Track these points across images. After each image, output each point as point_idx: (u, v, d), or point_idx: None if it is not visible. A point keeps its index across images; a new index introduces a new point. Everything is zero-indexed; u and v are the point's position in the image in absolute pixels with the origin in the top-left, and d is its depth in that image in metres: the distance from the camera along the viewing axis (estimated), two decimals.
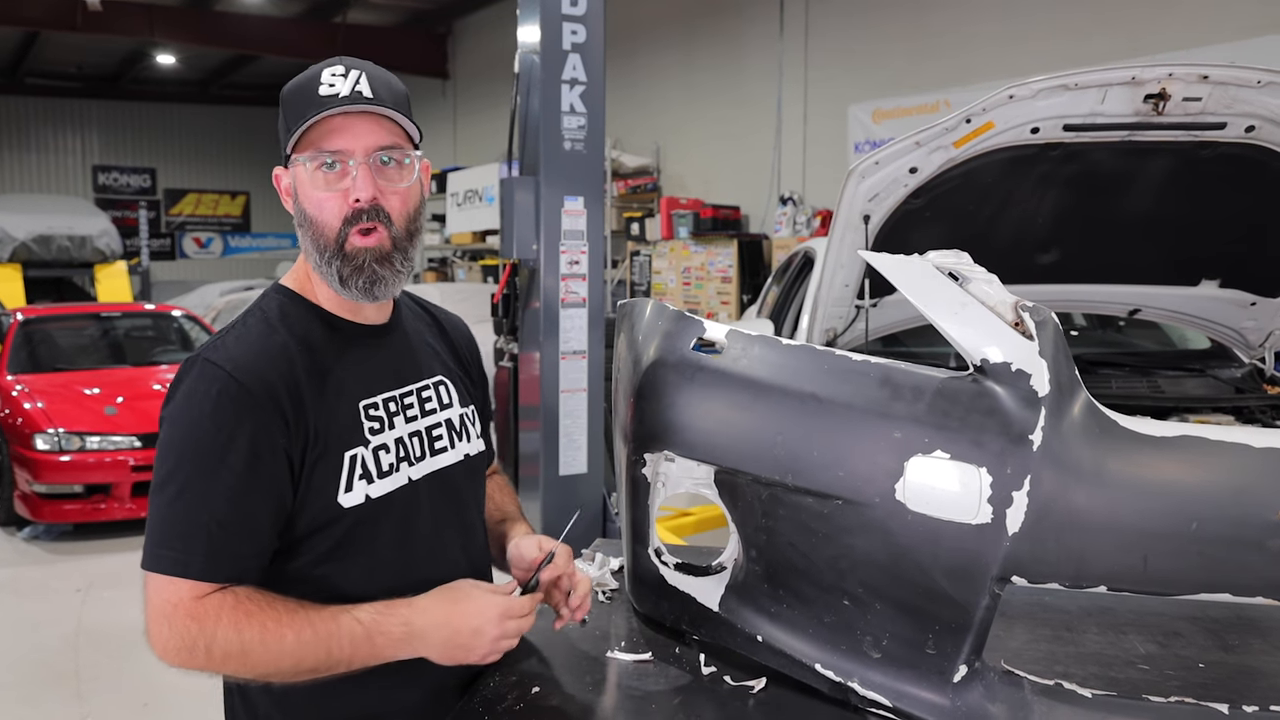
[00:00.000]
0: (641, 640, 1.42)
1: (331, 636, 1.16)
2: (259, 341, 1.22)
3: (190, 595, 1.15)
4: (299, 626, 1.15)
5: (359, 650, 1.17)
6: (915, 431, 1.12)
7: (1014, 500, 1.07)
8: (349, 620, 1.17)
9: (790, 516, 1.21)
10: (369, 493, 1.24)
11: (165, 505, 1.16)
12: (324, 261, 1.23)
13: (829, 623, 1.21)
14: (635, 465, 1.36)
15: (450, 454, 1.35)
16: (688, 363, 1.29)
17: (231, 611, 1.15)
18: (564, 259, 3.81)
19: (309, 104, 1.20)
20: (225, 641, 1.14)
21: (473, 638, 1.19)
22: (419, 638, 1.18)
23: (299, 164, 1.22)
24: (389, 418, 1.29)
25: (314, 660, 1.15)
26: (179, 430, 1.17)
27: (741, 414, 1.24)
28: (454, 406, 1.38)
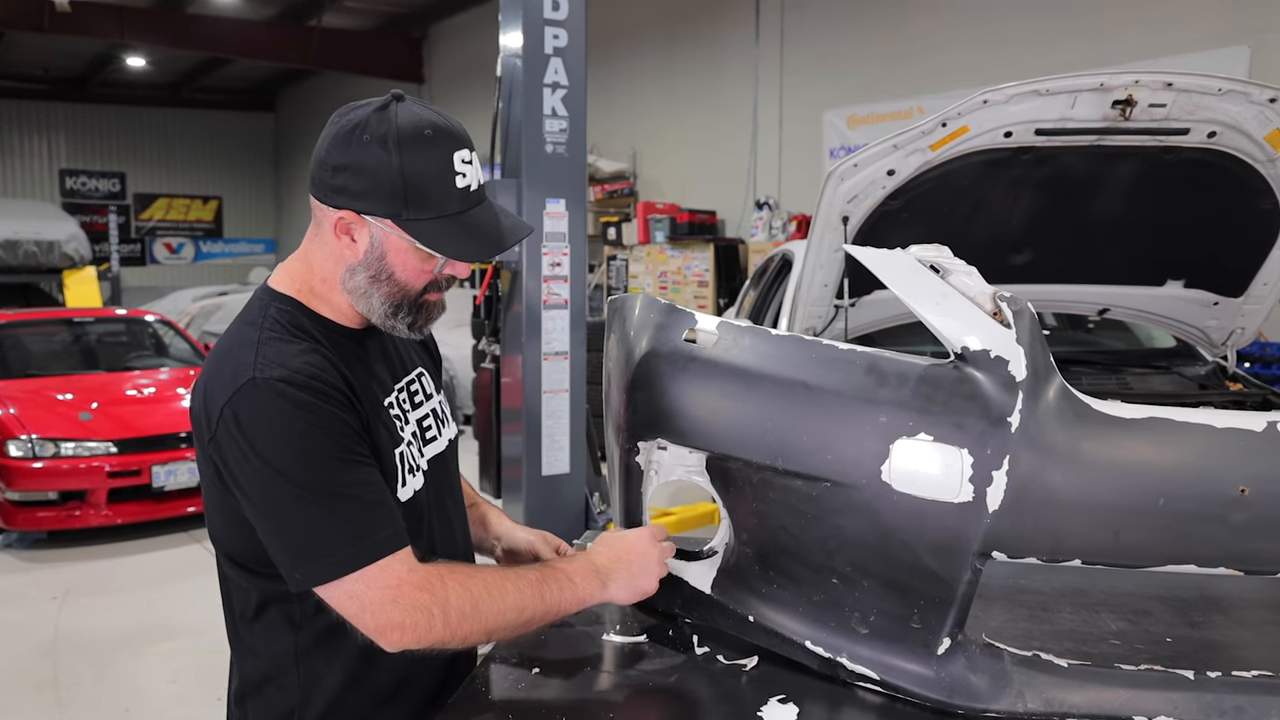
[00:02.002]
0: (635, 624, 1.46)
1: (543, 583, 1.26)
2: (298, 353, 1.22)
3: (405, 570, 1.19)
4: (513, 579, 1.25)
5: (565, 594, 1.27)
6: (900, 416, 1.17)
7: (994, 479, 1.12)
8: (549, 570, 1.29)
9: (780, 499, 1.26)
10: (415, 487, 1.32)
11: (324, 511, 1.17)
12: (392, 314, 1.28)
13: (818, 601, 1.26)
14: (629, 454, 1.40)
15: (440, 440, 1.41)
16: (680, 353, 1.33)
17: (451, 574, 1.22)
18: (546, 261, 3.84)
19: (448, 195, 1.21)
20: (459, 600, 1.19)
21: (643, 559, 1.32)
22: (605, 573, 1.30)
23: (405, 237, 1.22)
24: (404, 414, 1.34)
25: (533, 607, 1.24)
26: (286, 447, 1.16)
27: (733, 402, 1.29)
28: (434, 396, 1.44)
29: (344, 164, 1.21)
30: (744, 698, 1.24)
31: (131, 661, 4.09)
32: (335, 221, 1.24)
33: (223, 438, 1.18)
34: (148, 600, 4.82)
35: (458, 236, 1.22)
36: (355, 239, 1.24)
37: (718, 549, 1.41)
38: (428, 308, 1.30)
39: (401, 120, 1.20)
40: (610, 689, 1.30)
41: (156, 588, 4.99)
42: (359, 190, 1.20)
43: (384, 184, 1.19)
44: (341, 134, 1.21)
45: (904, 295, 1.26)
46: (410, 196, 1.20)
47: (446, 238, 1.22)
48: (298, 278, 1.31)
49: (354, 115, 1.22)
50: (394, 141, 1.18)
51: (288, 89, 20.31)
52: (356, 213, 1.22)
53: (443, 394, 1.50)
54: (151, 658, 4.12)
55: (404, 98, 1.24)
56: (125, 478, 5.69)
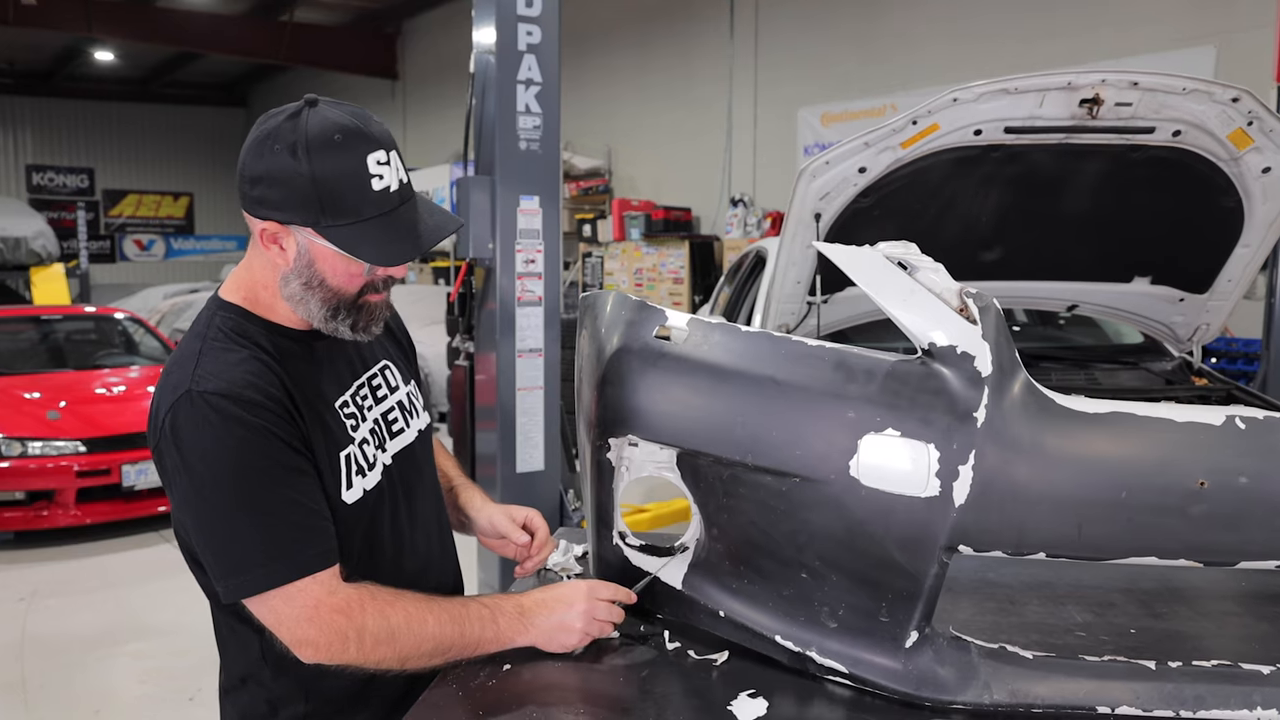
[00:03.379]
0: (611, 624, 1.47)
1: (464, 619, 1.26)
2: (238, 362, 1.22)
3: (325, 591, 1.19)
4: (435, 611, 1.25)
5: (486, 630, 1.28)
6: (868, 411, 1.18)
7: (960, 474, 1.14)
8: (475, 604, 1.29)
9: (750, 495, 1.27)
10: (364, 486, 1.32)
11: (250, 526, 1.18)
12: (331, 318, 1.27)
13: (788, 596, 1.27)
14: (600, 450, 1.41)
15: (408, 433, 1.41)
16: (651, 350, 1.34)
17: (371, 601, 1.22)
18: (520, 258, 3.84)
19: (364, 199, 1.19)
20: (375, 628, 1.20)
21: (567, 610, 1.32)
22: (528, 617, 1.30)
23: (326, 244, 1.21)
24: (360, 412, 1.34)
25: (451, 640, 1.25)
26: (217, 461, 1.17)
27: (703, 398, 1.29)
28: (400, 387, 1.44)
29: (259, 175, 1.20)
30: (714, 692, 1.25)
31: (101, 663, 4.04)
32: (260, 232, 1.24)
33: (163, 447, 1.20)
34: (117, 601, 4.77)
35: (379, 240, 1.22)
36: (283, 247, 1.24)
37: (688, 545, 1.42)
38: (369, 309, 1.30)
39: (311, 127, 1.19)
40: (581, 685, 1.30)
41: (126, 588, 4.94)
42: (276, 200, 1.20)
43: (298, 193, 1.19)
44: (255, 144, 1.21)
45: (872, 292, 1.27)
46: (326, 203, 1.19)
47: (366, 242, 1.21)
48: (243, 285, 1.31)
49: (268, 124, 1.22)
50: (304, 149, 1.18)
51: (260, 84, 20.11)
52: (279, 222, 1.22)
53: (414, 384, 1.49)
54: (121, 659, 4.07)
55: (317, 102, 1.22)
56: (94, 477, 5.62)
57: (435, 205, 1.31)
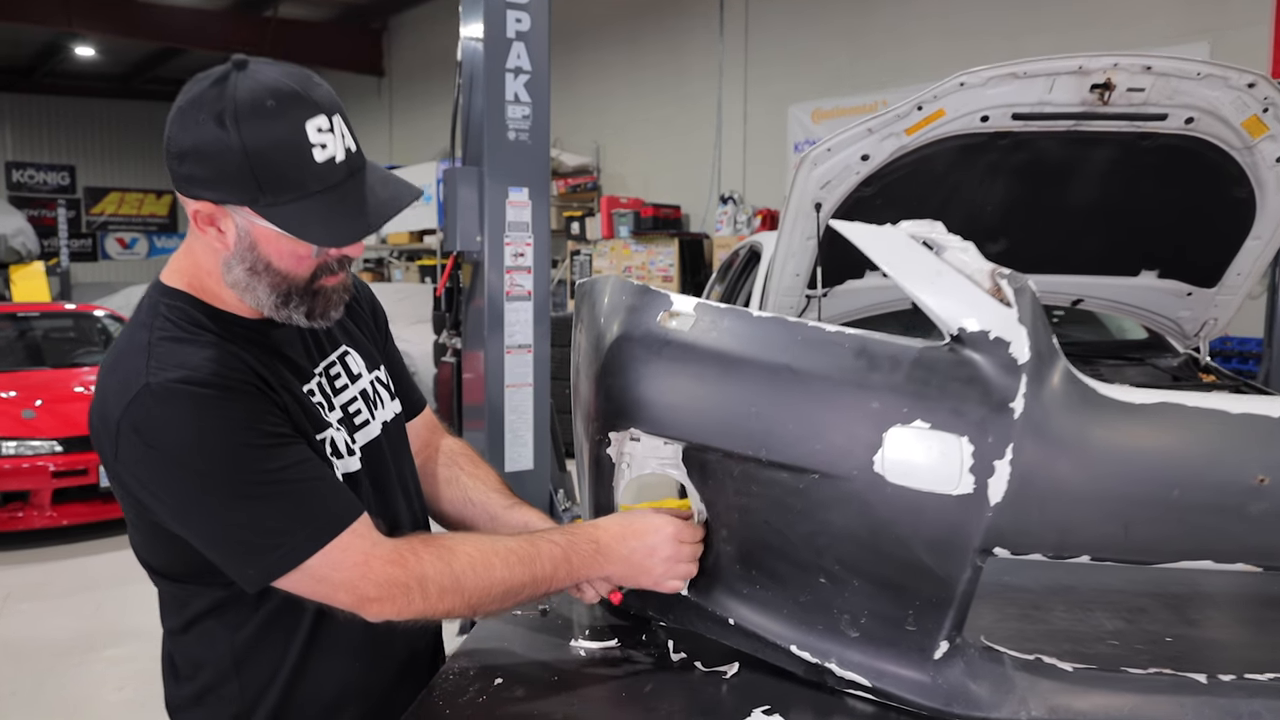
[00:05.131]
0: (606, 628, 1.37)
1: (534, 559, 1.17)
2: (195, 350, 1.10)
3: (369, 544, 1.10)
4: (502, 553, 1.16)
5: (559, 571, 1.18)
6: (893, 401, 1.08)
7: (996, 470, 1.04)
8: (545, 543, 1.19)
9: (764, 493, 1.17)
10: (345, 469, 1.22)
11: (266, 501, 1.07)
12: (283, 305, 1.15)
13: (804, 602, 1.17)
14: (599, 445, 1.30)
15: (372, 426, 1.30)
16: (654, 336, 1.24)
17: (426, 548, 1.13)
18: (508, 251, 3.73)
19: (305, 172, 1.06)
20: (437, 575, 1.11)
21: (648, 556, 1.22)
22: (604, 554, 1.21)
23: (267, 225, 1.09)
24: (326, 399, 1.24)
25: (521, 583, 1.16)
26: (206, 450, 1.06)
27: (711, 388, 1.19)
28: (362, 376, 1.33)
29: (186, 149, 1.06)
30: (724, 707, 1.15)
31: (78, 668, 3.91)
32: (194, 214, 1.11)
33: (128, 454, 1.07)
34: (94, 604, 4.63)
35: (326, 218, 1.08)
36: (221, 230, 1.11)
37: None
38: (325, 294, 1.18)
39: (241, 92, 1.04)
40: (579, 700, 1.20)
41: (103, 591, 4.80)
42: (207, 178, 1.06)
43: (230, 168, 1.05)
44: (179, 114, 1.07)
45: (895, 273, 1.17)
46: (262, 179, 1.05)
47: (312, 221, 1.08)
48: (187, 271, 1.18)
49: (193, 91, 1.08)
50: (232, 118, 1.03)
51: None
52: (213, 202, 1.08)
53: (381, 370, 1.38)
54: (97, 665, 3.95)
55: (247, 64, 1.07)
56: (70, 477, 5.48)
57: (390, 175, 1.19)
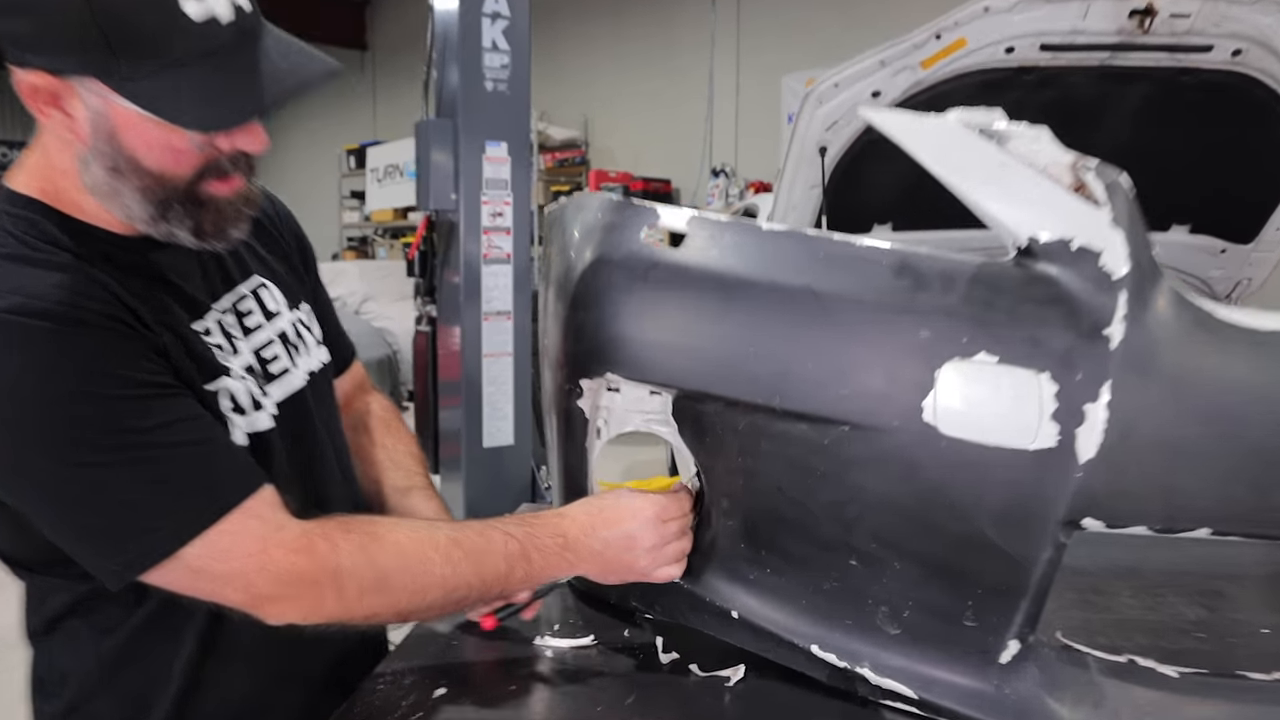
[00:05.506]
0: (580, 622, 1.12)
1: (484, 554, 0.93)
2: (45, 274, 0.83)
3: (269, 527, 0.85)
4: (443, 545, 0.91)
5: (515, 570, 0.94)
6: (949, 329, 0.83)
7: (1087, 416, 0.79)
8: (499, 534, 0.94)
9: (778, 452, 0.91)
10: (248, 428, 0.95)
11: (129, 471, 0.81)
12: (160, 217, 0.88)
13: (829, 590, 0.92)
14: (569, 396, 1.05)
15: (293, 375, 1.04)
16: (638, 258, 0.98)
17: (345, 534, 0.87)
18: (486, 210, 3.45)
19: (172, 31, 0.79)
20: (357, 570, 0.86)
21: (627, 548, 0.98)
22: (574, 549, 0.97)
23: (128, 103, 0.81)
24: (229, 341, 0.98)
25: (468, 584, 0.92)
26: (48, 402, 0.79)
27: (712, 321, 0.94)
28: (281, 315, 1.06)
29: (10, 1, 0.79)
30: None
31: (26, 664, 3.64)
32: (25, 89, 0.82)
33: None
34: None
35: (204, 94, 0.81)
36: (69, 112, 0.83)
37: None
38: (216, 206, 0.90)
39: None
40: (544, 714, 0.95)
41: None
42: (37, 35, 0.79)
43: (69, 22, 0.78)
44: None
45: (945, 171, 0.92)
46: (115, 38, 0.78)
47: (185, 98, 0.81)
48: (37, 172, 0.90)
49: None
50: None
51: None
52: (50, 72, 0.80)
53: (307, 309, 1.12)
54: None
55: None
56: None
57: (295, 43, 0.89)
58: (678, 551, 0.99)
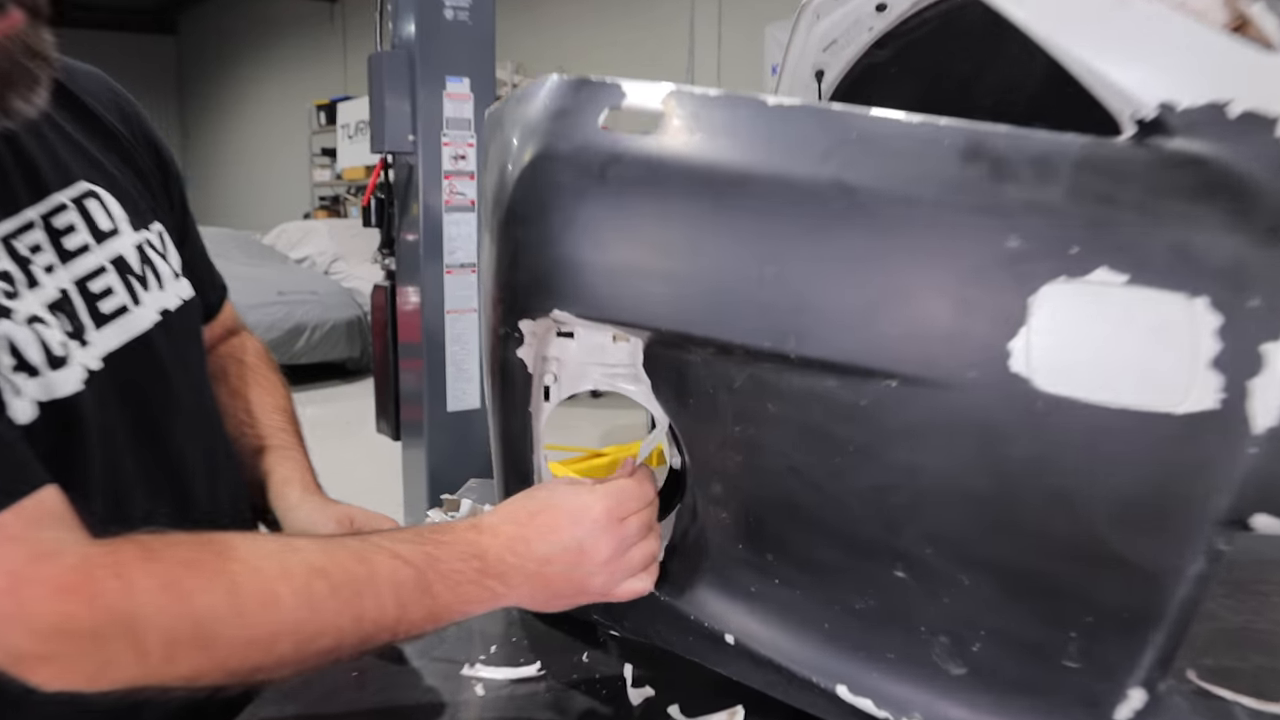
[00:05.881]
0: (525, 642, 0.85)
1: (362, 588, 0.63)
2: None
3: (29, 555, 0.56)
4: (299, 574, 0.61)
5: (411, 608, 0.64)
6: (1050, 235, 0.56)
7: (1267, 363, 0.52)
8: (385, 561, 0.64)
9: (791, 418, 0.65)
10: (41, 395, 0.67)
11: None
12: None
13: (865, 612, 0.66)
14: (505, 344, 0.78)
15: (134, 315, 0.76)
16: (594, 150, 0.70)
17: (147, 563, 0.58)
18: (447, 152, 3.15)
19: None
20: (159, 617, 0.57)
21: (575, 564, 0.68)
22: (499, 575, 0.67)
23: None
24: (22, 269, 0.70)
25: (336, 631, 0.62)
26: None
27: (697, 232, 0.66)
28: (121, 235, 0.79)
29: None
30: None
31: None
32: None
33: None
34: None
35: None
36: None
37: (667, 513, 0.80)
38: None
39: None
40: None
41: None
42: None
43: None
44: None
45: (1035, 21, 0.65)
46: None
47: None
48: None
49: None
50: None
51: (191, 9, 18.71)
52: None
53: (159, 231, 0.84)
54: None
55: None
56: None
57: None
58: (644, 557, 0.72)
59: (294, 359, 6.50)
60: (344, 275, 8.18)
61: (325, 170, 12.90)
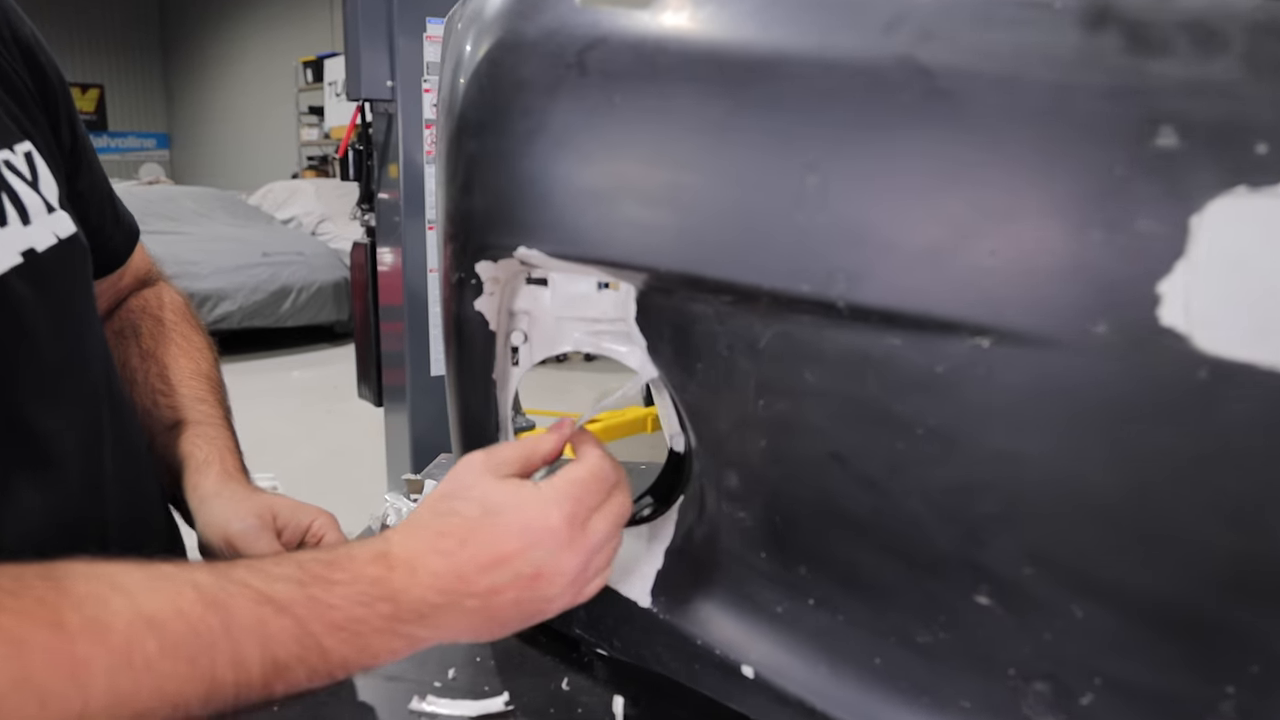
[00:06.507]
0: (491, 663, 0.69)
1: (210, 649, 0.45)
2: None
3: None
4: (122, 634, 0.44)
5: (288, 669, 0.47)
6: (1219, 129, 0.39)
7: None
8: (247, 608, 0.47)
9: (836, 389, 0.48)
10: None
11: None
12: None
13: (930, 646, 0.49)
14: (460, 294, 0.61)
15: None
16: (569, 33, 0.53)
17: None
18: (428, 100, 2.95)
19: None
20: None
21: (530, 588, 0.51)
22: (418, 621, 0.50)
23: None
24: None
25: (171, 707, 0.45)
26: None
27: (708, 140, 0.49)
28: None
29: None
30: None
31: None
32: None
33: None
34: None
35: None
36: None
37: (664, 511, 0.63)
38: None
39: None
40: None
41: None
42: None
43: None
44: None
45: None
46: None
47: None
48: None
49: None
50: None
51: None
52: None
53: (30, 148, 0.68)
54: None
55: None
56: None
57: None
58: (610, 554, 0.56)
59: (279, 322, 6.32)
60: (331, 236, 7.96)
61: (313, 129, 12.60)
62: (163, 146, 19.43)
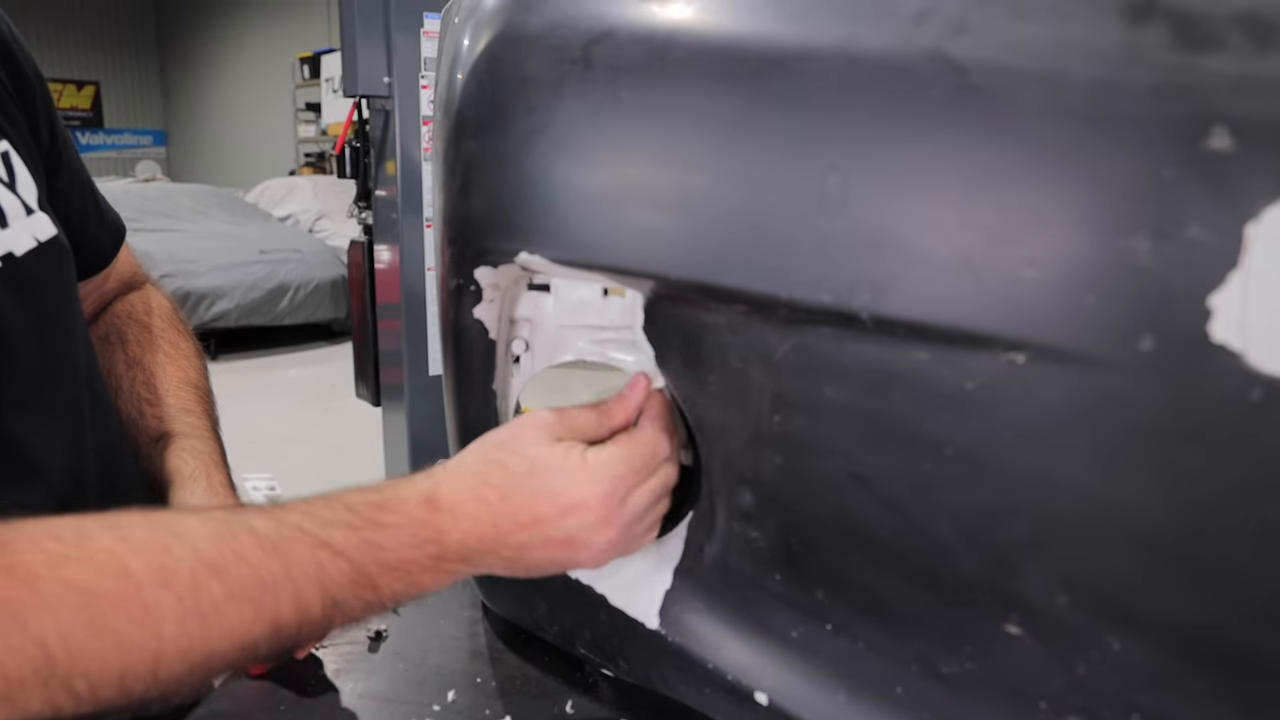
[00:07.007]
0: (493, 683, 0.66)
1: (274, 592, 0.46)
2: None
3: None
4: (186, 578, 0.44)
5: (345, 605, 0.48)
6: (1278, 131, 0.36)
7: None
8: (305, 553, 0.47)
9: (858, 405, 0.45)
10: None
11: None
12: None
13: (956, 677, 0.47)
14: (459, 301, 0.58)
15: None
16: (574, 25, 0.50)
17: None
18: (425, 96, 2.92)
19: None
20: None
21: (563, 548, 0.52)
22: (462, 561, 0.51)
23: None
24: None
25: (240, 647, 0.45)
26: None
27: (723, 141, 0.46)
28: None
29: None
30: None
31: None
32: None
33: None
34: None
35: None
36: None
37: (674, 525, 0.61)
38: None
39: None
40: None
41: None
42: None
43: None
44: None
45: None
46: None
47: None
48: None
49: None
50: None
51: None
52: None
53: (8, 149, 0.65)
54: None
55: None
56: None
57: None
58: (656, 518, 0.56)
59: (276, 320, 6.28)
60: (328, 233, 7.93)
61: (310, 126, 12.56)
62: (159, 143, 19.37)
